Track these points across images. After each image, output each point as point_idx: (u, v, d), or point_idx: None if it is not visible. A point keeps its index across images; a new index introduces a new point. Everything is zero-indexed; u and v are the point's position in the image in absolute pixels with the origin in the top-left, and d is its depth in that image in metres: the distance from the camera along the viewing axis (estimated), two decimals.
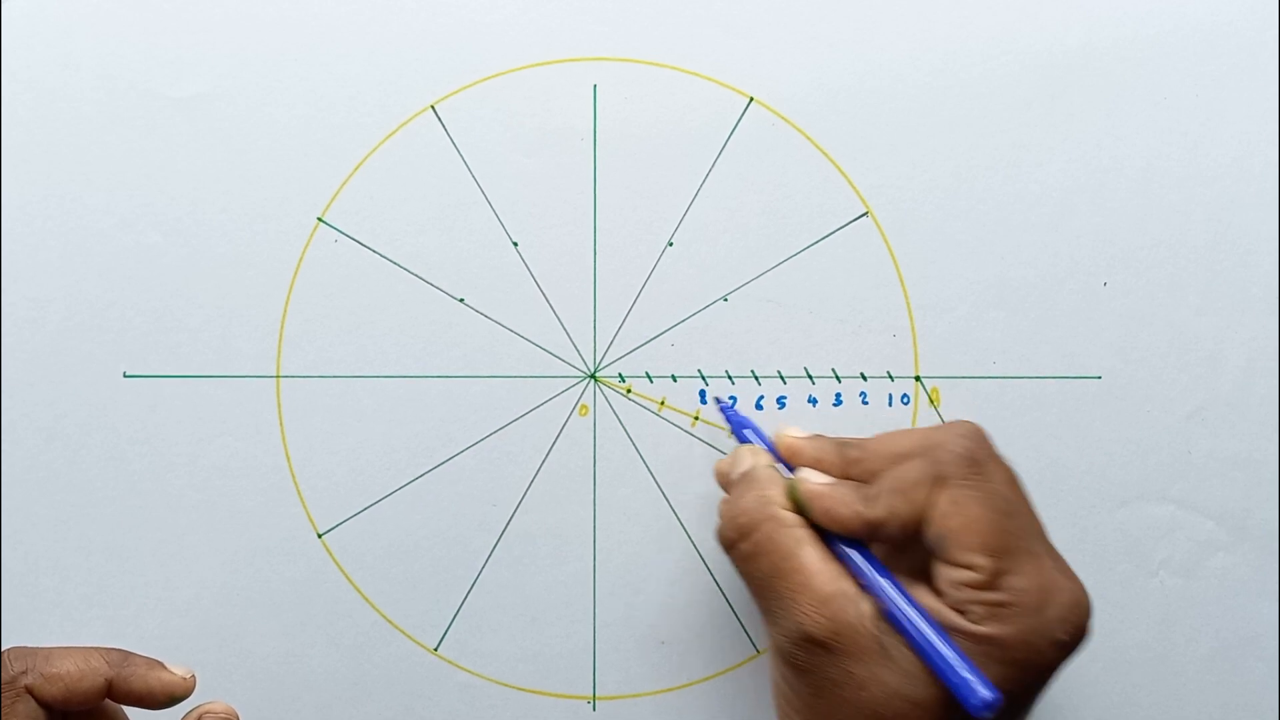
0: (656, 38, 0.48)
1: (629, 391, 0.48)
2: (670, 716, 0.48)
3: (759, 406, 0.48)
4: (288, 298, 0.48)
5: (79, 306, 0.47)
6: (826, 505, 0.40)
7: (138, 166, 0.47)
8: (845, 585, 0.39)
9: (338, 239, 0.48)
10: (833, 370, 0.48)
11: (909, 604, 0.38)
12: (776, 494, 0.41)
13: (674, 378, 0.48)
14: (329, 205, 0.48)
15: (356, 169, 0.48)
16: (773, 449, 0.44)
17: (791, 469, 0.43)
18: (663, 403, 0.48)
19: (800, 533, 0.40)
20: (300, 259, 0.48)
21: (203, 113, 0.47)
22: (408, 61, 0.48)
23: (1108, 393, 0.49)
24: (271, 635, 0.48)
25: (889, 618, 0.38)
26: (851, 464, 0.42)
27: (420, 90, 0.48)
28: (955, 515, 0.38)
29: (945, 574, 0.38)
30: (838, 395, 0.48)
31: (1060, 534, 0.48)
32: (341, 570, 0.48)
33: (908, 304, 0.48)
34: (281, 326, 0.48)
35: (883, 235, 0.48)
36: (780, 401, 0.48)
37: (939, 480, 0.39)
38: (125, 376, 0.48)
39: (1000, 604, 0.37)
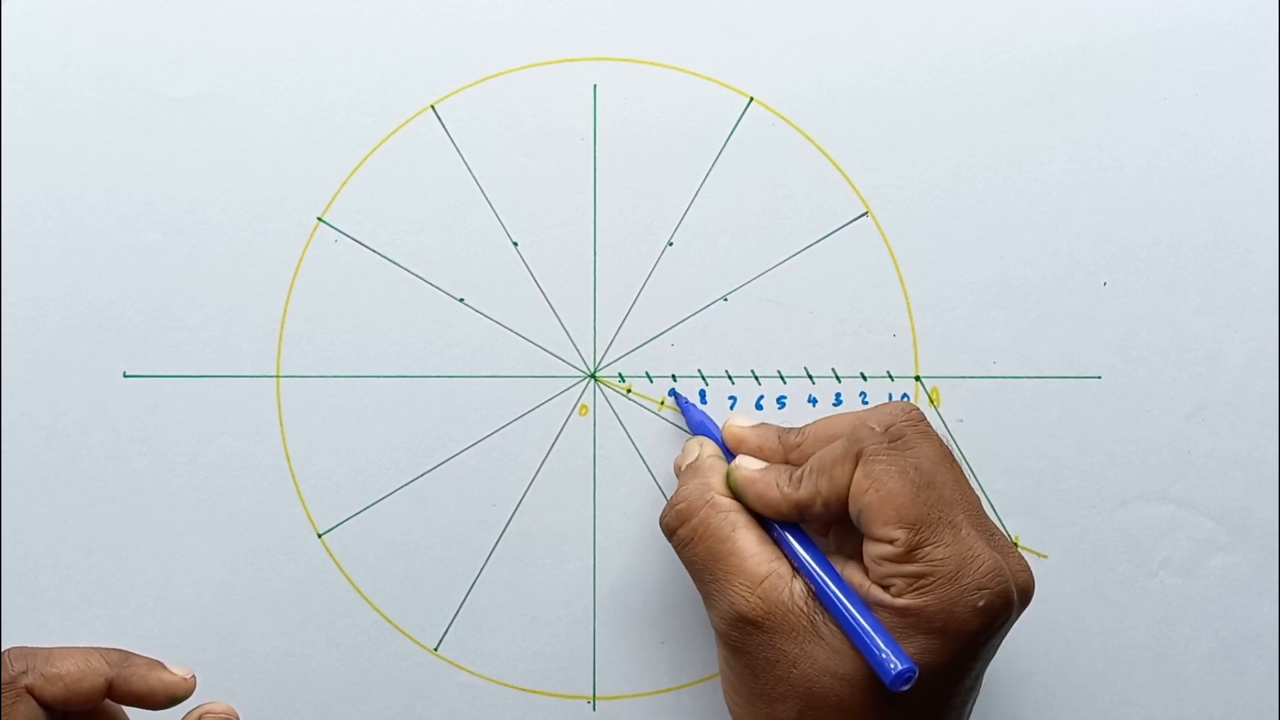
0: (656, 38, 0.48)
1: (629, 391, 0.48)
2: (670, 716, 0.48)
3: (759, 406, 0.48)
4: (288, 298, 0.48)
5: (79, 306, 0.47)
6: (758, 490, 0.41)
7: (138, 166, 0.47)
8: (778, 566, 0.40)
9: (338, 239, 0.48)
10: (833, 370, 0.48)
11: (834, 581, 0.39)
12: (716, 481, 0.43)
13: (674, 378, 0.48)
14: (329, 205, 0.48)
15: (356, 169, 0.48)
16: (721, 440, 0.45)
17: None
18: (662, 403, 0.48)
19: (736, 517, 0.41)
20: (300, 259, 0.48)
21: (203, 113, 0.47)
22: (408, 61, 0.48)
23: (1108, 393, 0.49)
24: (271, 635, 0.48)
25: (819, 596, 0.39)
26: (791, 449, 0.43)
27: (420, 90, 0.48)
28: (872, 490, 0.39)
29: (868, 549, 0.39)
30: (838, 395, 0.48)
31: (1060, 534, 0.48)
32: (341, 570, 0.48)
33: (908, 304, 0.48)
34: (281, 326, 0.48)
35: (883, 235, 0.48)
36: (780, 401, 0.48)
37: (858, 456, 0.40)
38: (125, 376, 0.48)
39: (918, 575, 0.38)
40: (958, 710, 0.40)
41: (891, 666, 0.37)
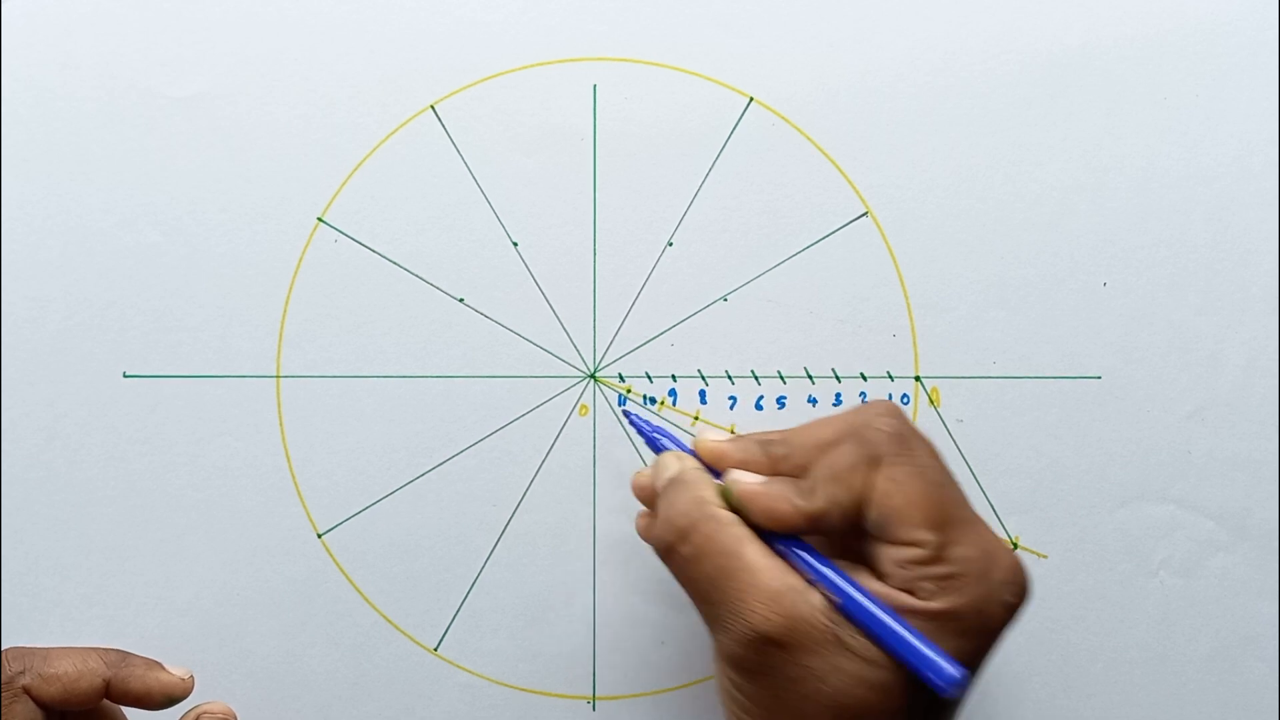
0: (656, 38, 0.48)
1: (629, 391, 0.48)
2: (670, 716, 0.48)
3: (759, 406, 0.48)
4: (288, 298, 0.48)
5: (79, 306, 0.47)
6: (764, 504, 0.39)
7: (138, 166, 0.47)
8: (793, 580, 0.38)
9: (338, 239, 0.48)
10: (833, 370, 0.48)
11: (860, 592, 0.37)
12: (711, 495, 0.40)
13: (674, 377, 0.48)
14: (329, 205, 0.48)
15: (356, 169, 0.48)
16: (694, 454, 0.42)
17: (718, 474, 0.41)
18: (662, 403, 0.48)
19: (740, 531, 0.39)
20: (300, 259, 0.48)
21: (203, 112, 0.47)
22: (408, 61, 0.48)
23: (1108, 393, 0.49)
24: (271, 635, 0.48)
25: (841, 609, 0.37)
26: (779, 461, 0.41)
27: (420, 90, 0.48)
28: (896, 494, 0.38)
29: (891, 554, 0.38)
30: (838, 395, 0.48)
31: (1060, 534, 0.48)
32: (341, 570, 0.48)
33: (908, 304, 0.48)
34: (281, 326, 0.48)
35: (883, 235, 0.48)
36: (780, 401, 0.48)
37: (873, 461, 0.38)
38: (125, 376, 0.48)
39: (949, 576, 0.37)
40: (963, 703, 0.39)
41: (945, 673, 0.35)
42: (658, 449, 0.44)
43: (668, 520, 0.40)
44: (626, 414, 0.48)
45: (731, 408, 0.48)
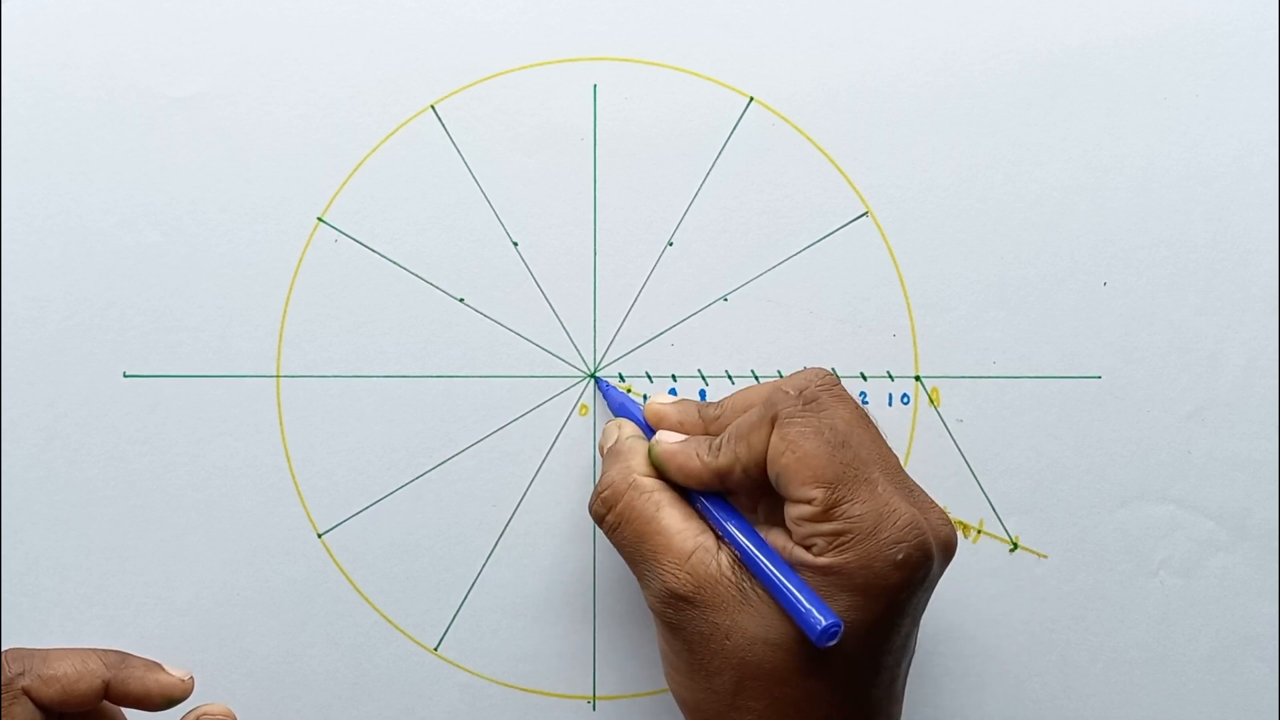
0: (656, 38, 0.48)
1: (629, 392, 0.48)
2: (670, 716, 0.48)
3: None
4: (288, 298, 0.48)
5: (79, 306, 0.47)
6: (679, 461, 0.42)
7: (138, 166, 0.47)
8: (704, 540, 0.40)
9: (338, 239, 0.48)
10: (833, 370, 0.48)
11: (756, 545, 0.39)
12: (638, 462, 0.43)
13: (674, 377, 0.48)
14: (329, 205, 0.48)
15: (356, 169, 0.48)
16: (644, 421, 0.45)
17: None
18: None
19: (659, 496, 0.42)
20: (300, 259, 0.48)
21: (203, 112, 0.47)
22: (408, 61, 0.48)
23: (1108, 393, 0.49)
24: (271, 635, 0.48)
25: (745, 563, 0.39)
26: (711, 422, 0.44)
27: (420, 90, 0.48)
28: (788, 452, 0.39)
29: (789, 510, 0.40)
30: None
31: (1060, 534, 0.48)
32: (341, 570, 0.48)
33: (908, 304, 0.48)
34: (281, 326, 0.48)
35: (883, 235, 0.48)
36: None
37: (774, 420, 0.40)
38: (125, 376, 0.48)
39: (837, 533, 0.38)
40: (891, 670, 0.40)
41: (816, 622, 0.37)
42: (615, 414, 0.47)
43: (598, 491, 0.43)
44: (597, 380, 0.48)
45: None
